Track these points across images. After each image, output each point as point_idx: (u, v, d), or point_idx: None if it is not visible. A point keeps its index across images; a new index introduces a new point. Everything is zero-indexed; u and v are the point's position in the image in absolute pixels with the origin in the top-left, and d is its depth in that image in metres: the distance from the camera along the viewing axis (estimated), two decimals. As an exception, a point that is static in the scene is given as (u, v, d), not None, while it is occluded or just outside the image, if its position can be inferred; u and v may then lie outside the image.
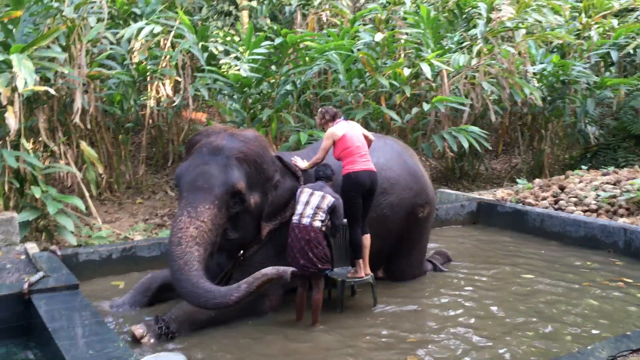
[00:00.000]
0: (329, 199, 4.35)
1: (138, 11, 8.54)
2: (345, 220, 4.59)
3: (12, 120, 5.44)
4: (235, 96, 7.64)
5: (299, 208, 4.35)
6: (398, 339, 4.16)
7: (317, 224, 4.29)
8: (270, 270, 3.81)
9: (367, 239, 4.73)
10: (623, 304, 4.74)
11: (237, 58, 7.89)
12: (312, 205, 4.32)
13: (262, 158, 4.40)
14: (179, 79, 7.91)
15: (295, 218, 4.35)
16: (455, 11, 10.63)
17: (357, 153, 4.62)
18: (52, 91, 5.87)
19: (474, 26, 9.79)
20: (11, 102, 5.55)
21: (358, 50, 8.12)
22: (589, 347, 3.53)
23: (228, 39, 8.09)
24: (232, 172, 4.19)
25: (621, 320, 4.39)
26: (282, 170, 4.62)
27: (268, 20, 10.67)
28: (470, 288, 5.19)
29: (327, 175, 4.54)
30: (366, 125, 8.48)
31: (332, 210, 4.35)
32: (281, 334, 4.24)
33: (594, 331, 4.22)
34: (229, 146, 4.28)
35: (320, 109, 4.96)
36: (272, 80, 7.75)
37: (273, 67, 7.83)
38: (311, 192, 4.39)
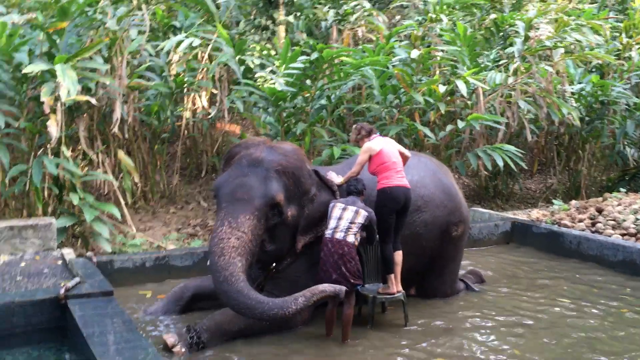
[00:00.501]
0: (363, 214, 4.33)
1: (177, 24, 8.69)
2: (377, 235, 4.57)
3: (54, 128, 5.58)
4: (269, 109, 7.71)
5: (332, 222, 4.35)
6: (427, 358, 4.10)
7: (351, 238, 4.28)
8: (327, 287, 3.87)
9: (399, 256, 4.69)
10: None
11: (272, 72, 7.96)
12: (346, 219, 4.31)
13: (300, 171, 4.42)
14: (215, 91, 8.01)
15: (328, 232, 4.34)
16: (492, 29, 10.55)
17: (393, 169, 4.61)
18: (93, 101, 6.01)
19: (511, 44, 9.69)
20: (54, 111, 5.69)
21: (393, 66, 8.12)
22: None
23: (264, 52, 8.17)
24: (271, 184, 4.21)
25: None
26: (318, 184, 4.63)
27: (304, 35, 10.74)
28: (502, 309, 5.09)
29: (359, 189, 4.53)
30: (399, 142, 8.42)
31: (367, 225, 4.34)
32: (312, 349, 4.22)
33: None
34: (269, 158, 4.32)
35: (355, 125, 4.97)
36: (307, 95, 7.79)
37: (308, 82, 7.88)
38: (344, 207, 4.39)
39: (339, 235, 4.29)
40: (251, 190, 4.16)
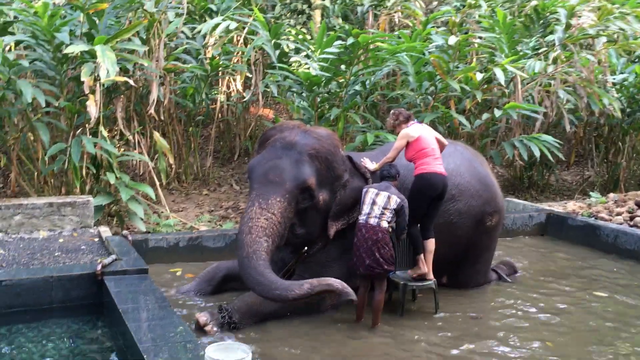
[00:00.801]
0: (395, 199, 4.31)
1: (214, 7, 8.73)
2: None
3: (93, 108, 5.67)
4: (304, 94, 7.69)
5: (366, 208, 4.33)
6: (456, 347, 4.09)
7: (385, 224, 4.26)
8: (336, 282, 3.84)
9: (431, 244, 4.66)
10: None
11: (307, 56, 7.94)
12: (379, 205, 4.29)
13: (334, 156, 4.40)
14: (250, 75, 8.03)
15: (362, 218, 4.33)
16: (532, 16, 10.28)
17: (432, 155, 4.57)
18: (131, 82, 6.09)
19: (552, 32, 9.45)
20: (92, 91, 5.78)
21: (430, 52, 8.00)
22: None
23: (300, 37, 8.14)
24: (303, 168, 4.22)
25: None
26: (351, 170, 4.61)
27: (340, 20, 10.67)
28: (535, 301, 5.02)
29: (392, 174, 4.49)
30: (434, 129, 8.35)
31: (398, 211, 4.31)
32: (340, 334, 4.24)
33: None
34: (302, 142, 4.32)
35: (393, 110, 4.91)
36: (341, 80, 7.75)
37: (342, 67, 7.83)
38: (377, 192, 4.36)
39: (373, 220, 4.27)
40: (283, 173, 4.18)
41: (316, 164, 4.32)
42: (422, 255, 4.64)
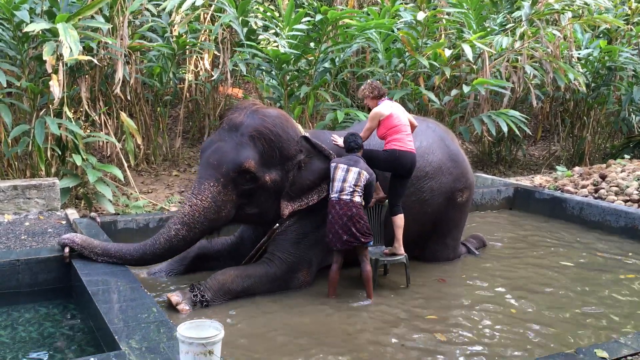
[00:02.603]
0: (365, 175, 4.35)
1: (179, -16, 8.53)
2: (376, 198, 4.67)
3: (57, 88, 5.53)
4: (273, 72, 7.62)
5: (337, 185, 4.34)
6: (427, 317, 4.16)
7: (358, 199, 4.33)
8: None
9: (400, 219, 4.71)
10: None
11: (276, 34, 7.85)
12: (350, 182, 4.31)
13: (279, 137, 4.36)
14: (218, 54, 7.91)
15: (334, 195, 4.35)
16: (499, -8, 10.36)
17: (404, 131, 4.63)
18: (95, 61, 5.96)
19: (518, 8, 9.53)
20: (55, 71, 5.63)
21: (398, 29, 8.00)
22: (620, 339, 3.44)
23: (268, 14, 8.03)
24: (242, 151, 4.26)
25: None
26: (308, 150, 4.53)
27: (308, -3, 10.55)
28: (502, 272, 5.14)
29: (359, 144, 4.51)
30: (403, 106, 8.38)
31: (367, 186, 4.37)
32: (311, 308, 4.27)
33: (621, 323, 4.14)
34: (247, 123, 4.33)
35: (371, 81, 4.89)
36: (311, 58, 7.70)
37: (312, 44, 7.77)
38: (347, 168, 4.37)
39: (346, 197, 4.31)
40: (222, 156, 4.25)
41: (259, 145, 4.30)
42: (399, 236, 4.68)
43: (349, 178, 4.33)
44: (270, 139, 4.34)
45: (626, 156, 8.87)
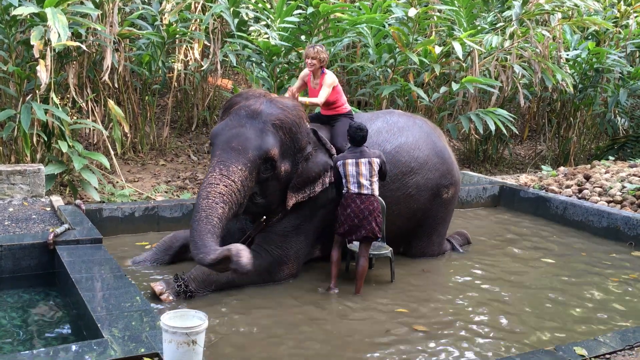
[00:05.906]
0: (376, 161, 4.42)
1: (171, -28, 8.47)
2: None
3: (44, 73, 5.47)
4: (263, 64, 7.60)
5: (351, 179, 4.37)
6: (409, 311, 4.20)
7: (377, 192, 4.42)
8: (247, 255, 3.54)
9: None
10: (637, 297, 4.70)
11: (267, 26, 7.83)
12: (365, 175, 4.35)
13: (298, 127, 4.37)
14: (208, 44, 7.87)
15: (353, 189, 4.36)
16: (490, -9, 10.41)
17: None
18: (83, 47, 5.90)
19: (509, 7, 9.58)
20: (43, 56, 5.57)
21: (389, 25, 8.01)
22: (599, 337, 3.48)
23: (260, 5, 8.00)
24: (267, 138, 4.19)
25: (634, 314, 4.35)
26: (315, 143, 4.58)
27: (300, -11, 10.52)
28: (486, 268, 5.19)
29: (365, 137, 4.50)
30: (392, 102, 8.42)
31: (380, 170, 4.46)
32: (296, 301, 4.28)
33: (602, 322, 4.20)
34: (267, 112, 4.28)
35: (324, 48, 4.99)
36: (301, 50, 7.69)
37: (303, 37, 7.76)
38: (355, 162, 4.39)
39: (366, 190, 4.35)
40: (246, 142, 4.13)
41: (280, 134, 4.28)
42: None
43: (363, 171, 4.36)
44: (291, 129, 4.33)
45: (610, 158, 8.97)
